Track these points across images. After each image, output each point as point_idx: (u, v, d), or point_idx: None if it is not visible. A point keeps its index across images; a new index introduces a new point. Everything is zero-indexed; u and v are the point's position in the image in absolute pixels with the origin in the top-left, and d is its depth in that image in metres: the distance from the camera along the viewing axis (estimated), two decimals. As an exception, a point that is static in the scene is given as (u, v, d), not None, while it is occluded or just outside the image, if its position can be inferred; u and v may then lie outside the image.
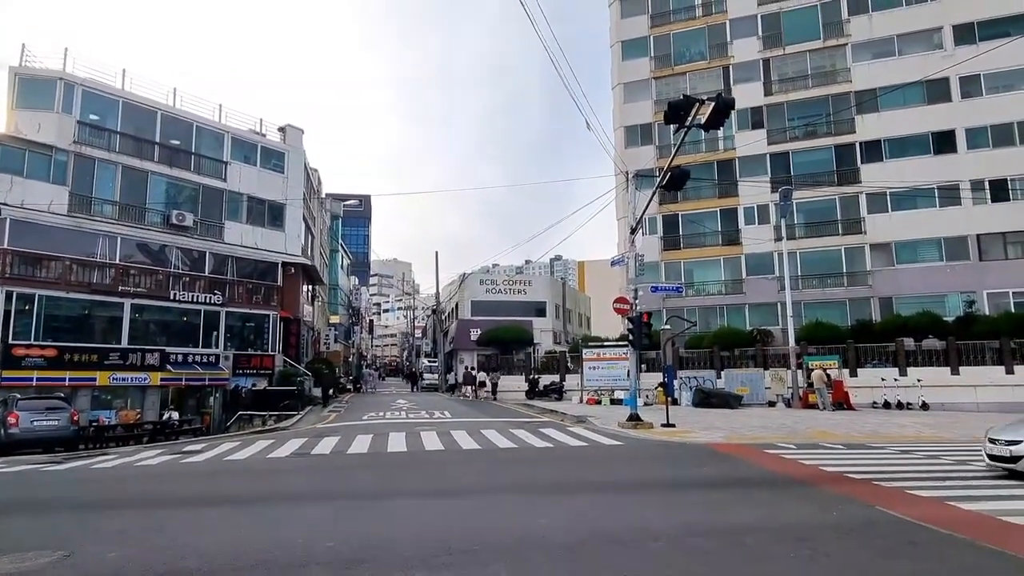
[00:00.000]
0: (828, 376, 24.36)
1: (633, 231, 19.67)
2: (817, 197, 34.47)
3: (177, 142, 29.55)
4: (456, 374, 42.98)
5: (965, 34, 32.49)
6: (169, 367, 26.78)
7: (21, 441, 18.05)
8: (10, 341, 23.06)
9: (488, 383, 34.40)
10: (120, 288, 26.23)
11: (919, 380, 24.65)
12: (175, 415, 25.59)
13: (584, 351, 29.95)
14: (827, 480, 9.77)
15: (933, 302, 30.67)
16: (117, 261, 26.61)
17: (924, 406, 23.89)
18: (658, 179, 17.80)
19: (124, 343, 26.08)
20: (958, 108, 32.24)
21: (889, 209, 33.06)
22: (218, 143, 31.08)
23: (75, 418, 20.22)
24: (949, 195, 31.59)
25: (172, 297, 27.79)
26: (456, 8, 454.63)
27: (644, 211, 19.24)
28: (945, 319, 28.74)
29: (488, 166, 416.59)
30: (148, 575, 5.53)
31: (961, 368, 25.09)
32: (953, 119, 32.30)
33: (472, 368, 39.09)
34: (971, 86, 32.06)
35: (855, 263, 33.64)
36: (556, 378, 33.32)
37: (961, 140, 32.14)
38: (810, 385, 24.84)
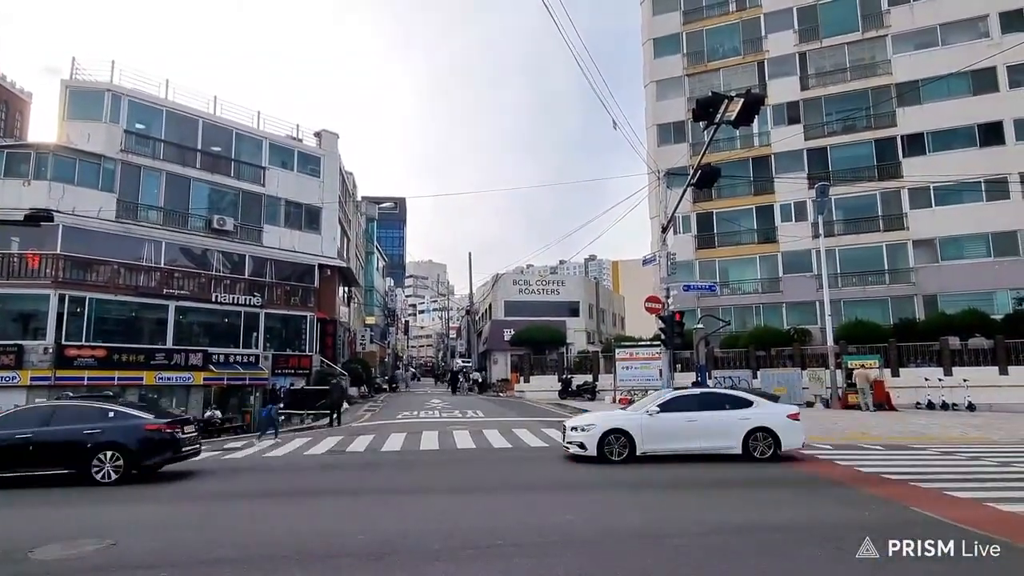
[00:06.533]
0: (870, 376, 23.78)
1: (664, 229, 19.54)
2: (857, 193, 33.57)
3: (218, 149, 30.44)
4: (489, 374, 43.87)
5: (1013, 21, 31.21)
6: (212, 367, 27.57)
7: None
8: (63, 342, 24.06)
9: (478, 379, 43.24)
10: (165, 291, 27.13)
11: (965, 380, 23.83)
12: (217, 413, 26.28)
13: (617, 351, 29.75)
14: (862, 481, 9.62)
15: (980, 300, 29.57)
16: (162, 265, 27.51)
17: (970, 407, 23.07)
18: (689, 176, 17.65)
19: (169, 344, 26.96)
20: (1006, 98, 31.01)
21: (933, 204, 31.97)
22: (257, 149, 31.89)
23: (123, 416, 21.01)
24: (997, 189, 30.43)
25: (214, 299, 28.62)
26: (488, 6, 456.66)
27: (675, 209, 19.03)
28: (993, 317, 27.71)
29: (523, 166, 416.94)
30: (187, 564, 5.80)
31: (1010, 368, 24.20)
32: (1001, 110, 31.06)
33: (460, 371, 46.66)
34: (1020, 75, 30.77)
35: (897, 260, 32.68)
36: (589, 378, 33.24)
37: (1009, 132, 30.89)
38: (849, 385, 24.27)
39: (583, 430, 11.88)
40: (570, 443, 12.05)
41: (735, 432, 11.62)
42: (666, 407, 11.89)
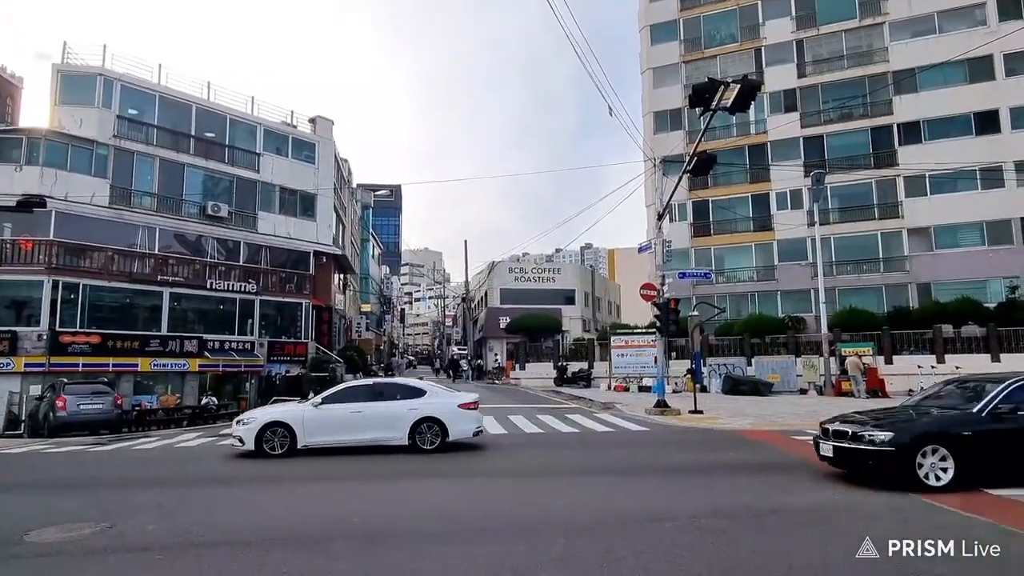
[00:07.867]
0: (862, 363, 23.92)
1: (660, 217, 19.53)
2: (852, 181, 33.60)
3: (212, 135, 30.23)
4: (485, 361, 44.09)
5: (1009, 9, 31.11)
6: (207, 354, 27.57)
7: (68, 423, 18.87)
8: (57, 328, 24.00)
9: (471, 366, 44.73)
10: (159, 277, 27.05)
11: (957, 367, 23.88)
12: (213, 400, 26.37)
13: (612, 338, 29.89)
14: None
15: (974, 288, 29.72)
16: (156, 251, 27.43)
17: (963, 394, 23.22)
18: (685, 164, 17.64)
19: (164, 331, 26.92)
20: (1002, 87, 31.00)
21: (928, 192, 32.03)
22: (251, 135, 31.69)
23: (119, 402, 21.04)
24: (992, 177, 30.47)
25: (209, 286, 28.55)
26: (487, 5, 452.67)
27: (671, 196, 19.06)
28: (986, 305, 27.85)
29: (520, 157, 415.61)
30: (183, 546, 5.84)
31: (1002, 355, 24.32)
32: (997, 98, 31.06)
33: (460, 358, 47.23)
34: (1016, 63, 30.76)
35: (892, 248, 32.76)
36: (584, 365, 33.36)
37: (1005, 120, 30.90)
38: (843, 372, 24.41)
39: (244, 423, 11.54)
40: (233, 437, 11.71)
41: (402, 423, 11.42)
42: (330, 399, 11.68)
